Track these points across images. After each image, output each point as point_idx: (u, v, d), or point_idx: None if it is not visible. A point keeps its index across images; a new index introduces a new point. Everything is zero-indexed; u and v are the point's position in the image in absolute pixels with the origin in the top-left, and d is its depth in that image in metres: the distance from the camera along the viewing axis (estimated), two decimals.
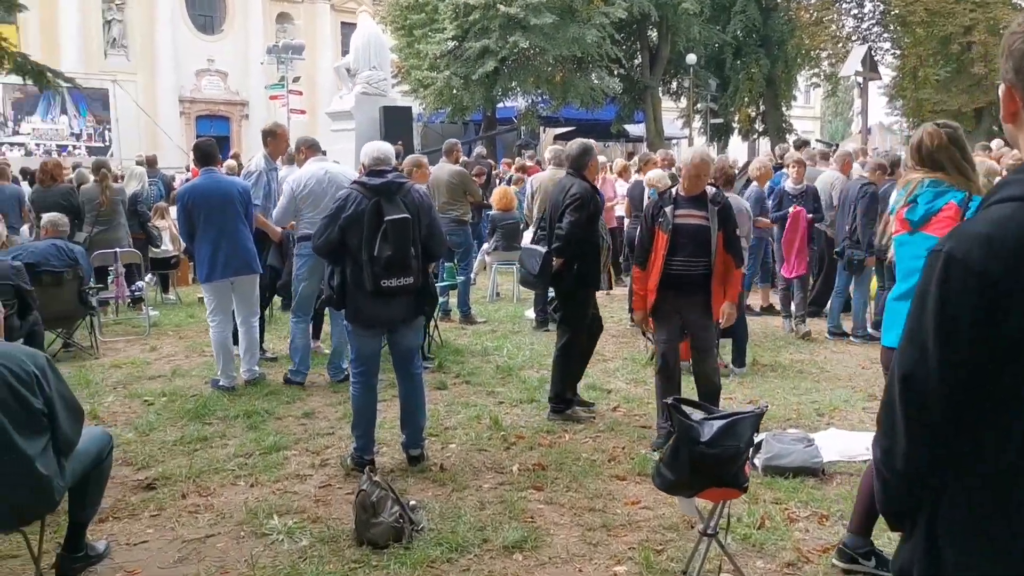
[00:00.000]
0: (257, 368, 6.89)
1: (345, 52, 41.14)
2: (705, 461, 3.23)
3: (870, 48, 26.72)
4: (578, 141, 6.18)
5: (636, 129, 40.67)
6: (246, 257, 6.73)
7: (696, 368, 5.47)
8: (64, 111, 29.95)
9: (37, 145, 28.32)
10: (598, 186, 6.99)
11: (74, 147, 28.62)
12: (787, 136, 41.28)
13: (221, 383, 6.67)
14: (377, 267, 4.74)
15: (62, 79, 5.21)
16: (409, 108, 19.37)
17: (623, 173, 12.04)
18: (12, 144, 28.04)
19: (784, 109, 41.55)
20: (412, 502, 4.27)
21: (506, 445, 5.36)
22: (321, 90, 39.11)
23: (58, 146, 28.37)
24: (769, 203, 8.82)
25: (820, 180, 9.45)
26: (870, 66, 25.09)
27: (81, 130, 29.75)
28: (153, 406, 6.29)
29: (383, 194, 4.81)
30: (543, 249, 6.06)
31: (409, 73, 28.86)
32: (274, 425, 5.79)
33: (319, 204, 6.62)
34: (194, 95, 39.06)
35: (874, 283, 8.71)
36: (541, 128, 34.96)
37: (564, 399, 5.96)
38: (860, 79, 24.90)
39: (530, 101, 32.13)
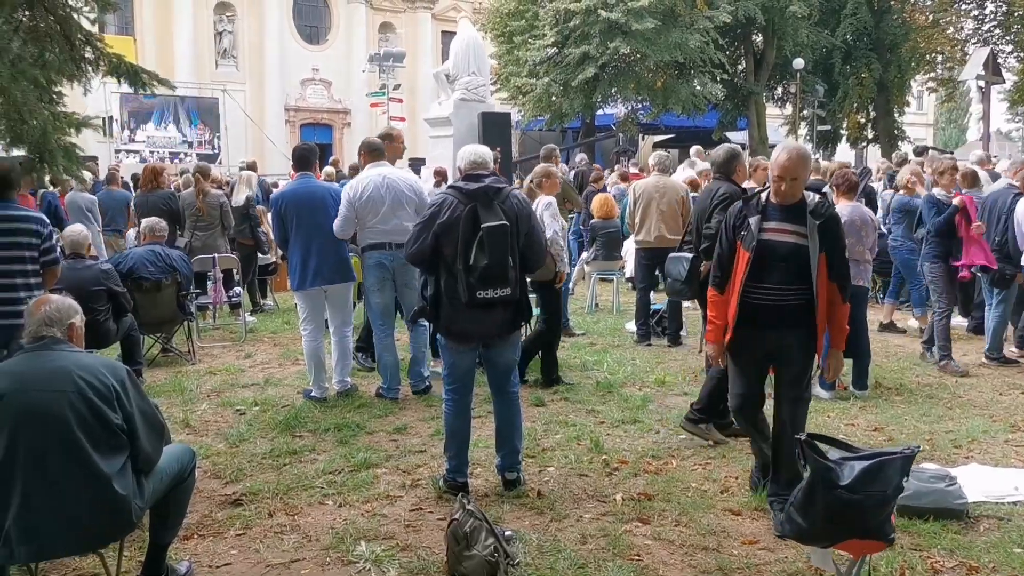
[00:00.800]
0: (349, 379, 6.71)
1: (445, 60, 41.99)
2: (846, 509, 2.81)
3: (993, 51, 25.31)
4: (725, 147, 5.92)
5: (738, 136, 39.65)
6: (339, 265, 6.55)
7: (776, 434, 4.31)
8: (176, 120, 30.89)
9: (151, 152, 29.25)
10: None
11: (185, 154, 29.43)
12: (899, 143, 39.68)
13: (313, 394, 6.51)
14: (472, 277, 4.44)
15: (157, 80, 5.13)
16: (508, 114, 19.16)
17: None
18: (128, 151, 29.04)
19: (896, 115, 39.89)
20: (508, 533, 3.95)
21: (608, 470, 4.99)
22: (421, 98, 39.43)
23: (170, 153, 29.24)
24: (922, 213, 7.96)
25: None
26: (993, 69, 23.79)
27: (192, 138, 30.61)
28: (245, 416, 6.16)
29: (480, 200, 4.52)
30: (690, 255, 5.90)
31: (508, 80, 28.77)
32: (365, 440, 5.57)
33: (379, 211, 6.38)
34: (299, 104, 39.94)
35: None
36: (640, 135, 34.44)
37: (706, 411, 5.54)
38: (981, 83, 23.62)
39: (630, 108, 31.66)
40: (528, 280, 6.72)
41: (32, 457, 3.10)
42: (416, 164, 16.75)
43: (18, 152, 4.59)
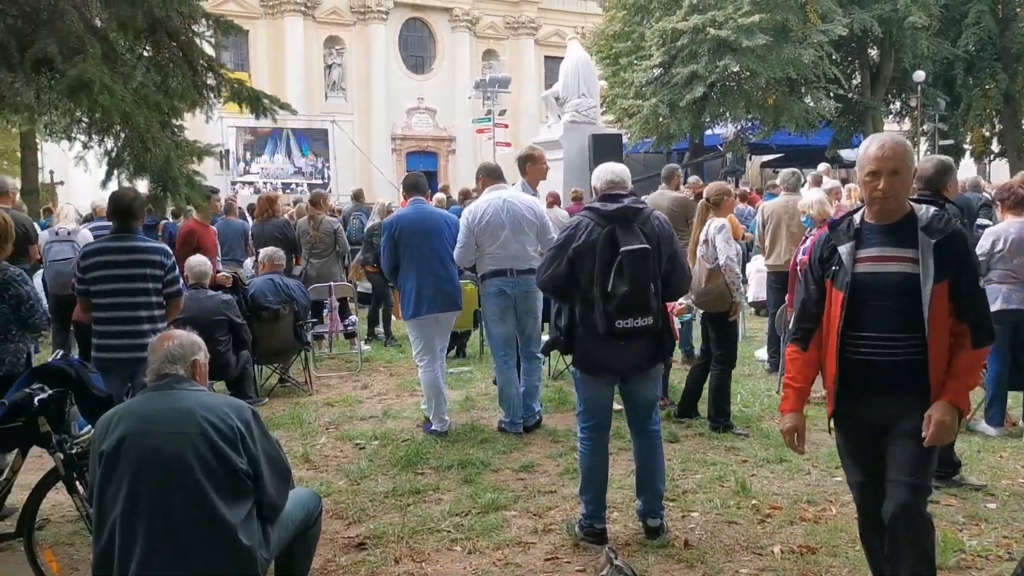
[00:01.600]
0: (446, 418, 6.38)
1: (549, 85, 41.97)
2: None
3: None
4: (934, 158, 5.19)
5: (850, 154, 38.21)
6: (452, 292, 6.35)
7: (892, 532, 3.01)
8: (288, 151, 31.72)
9: (264, 183, 30.06)
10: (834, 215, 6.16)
11: (297, 184, 30.14)
12: None
13: (433, 427, 6.26)
14: (611, 306, 4.09)
15: (278, 105, 5.02)
16: (619, 136, 18.81)
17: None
18: (244, 183, 29.91)
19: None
20: None
21: (759, 517, 4.54)
22: (525, 124, 39.55)
23: (283, 183, 29.99)
24: None
25: None
26: None
27: (303, 168, 31.35)
28: (365, 451, 5.94)
29: (618, 221, 4.17)
30: None
31: (614, 102, 28.42)
32: (490, 479, 5.26)
33: (499, 236, 6.11)
34: (405, 132, 40.59)
35: None
36: (748, 155, 33.54)
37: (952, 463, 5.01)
38: None
39: (739, 127, 30.86)
40: (700, 311, 6.38)
41: (154, 504, 2.89)
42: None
43: (141, 181, 4.51)
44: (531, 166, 6.60)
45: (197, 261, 6.89)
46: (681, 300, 6.27)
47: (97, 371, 4.00)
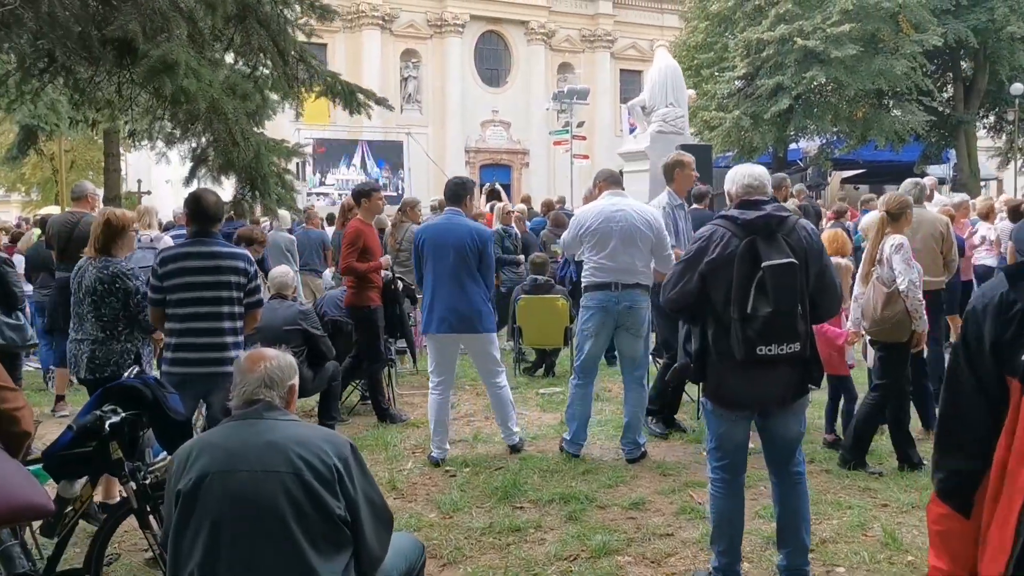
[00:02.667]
0: (516, 430, 6.01)
1: (625, 99, 41.41)
2: None
3: None
4: None
5: (938, 170, 36.76)
6: (467, 314, 5.74)
7: None
8: (364, 162, 31.76)
9: (340, 194, 30.09)
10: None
11: None
12: None
13: (432, 455, 5.81)
14: (751, 329, 3.55)
15: (375, 100, 4.63)
16: (709, 147, 18.14)
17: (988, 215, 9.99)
18: (320, 194, 30.00)
19: None
20: None
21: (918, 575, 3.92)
22: (600, 136, 39.04)
23: None
24: None
25: None
26: None
27: (378, 179, 31.33)
28: (456, 479, 5.46)
29: (760, 232, 3.62)
30: None
31: (695, 113, 27.71)
32: (597, 516, 4.73)
33: (605, 245, 5.63)
34: (479, 145, 40.39)
35: None
36: (830, 170, 32.43)
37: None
38: None
39: (824, 140, 29.82)
40: (868, 340, 5.62)
41: (238, 555, 2.45)
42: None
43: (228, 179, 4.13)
44: (679, 172, 6.05)
45: (280, 271, 6.53)
46: (850, 326, 5.65)
47: (174, 391, 3.59)
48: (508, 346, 9.03)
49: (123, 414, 3.30)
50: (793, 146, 28.89)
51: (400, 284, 7.41)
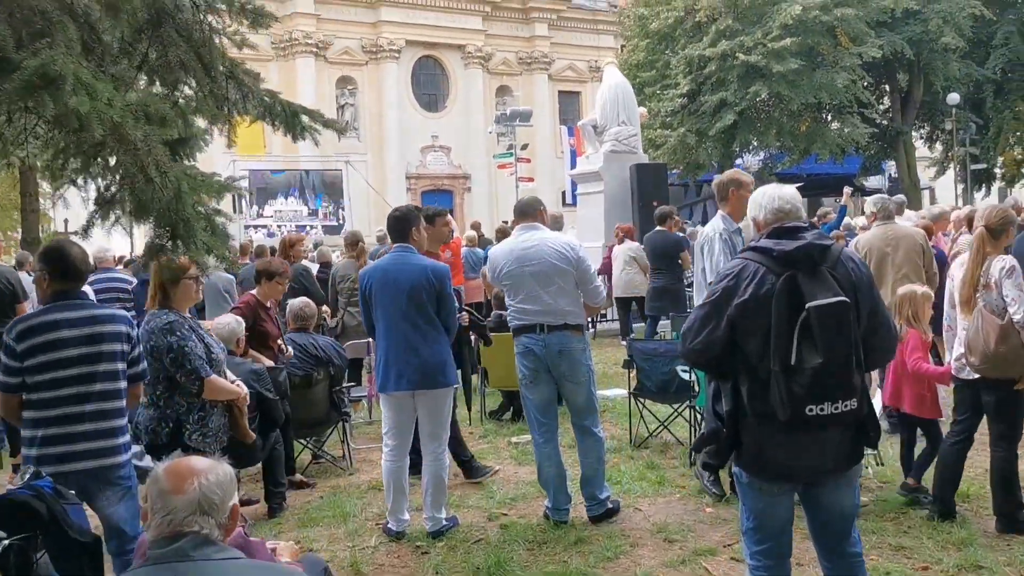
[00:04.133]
0: (442, 516, 5.08)
1: (564, 121, 41.16)
2: None
3: None
4: None
5: (875, 182, 37.20)
6: (425, 367, 4.97)
7: None
8: (302, 193, 30.88)
9: (279, 226, 29.12)
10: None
11: (311, 226, 29.22)
12: None
13: (389, 526, 5.09)
14: (798, 384, 2.91)
15: (321, 122, 3.93)
16: (663, 166, 17.75)
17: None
18: (257, 226, 28.99)
19: None
20: None
21: None
22: (541, 158, 38.59)
23: (297, 226, 29.05)
24: None
25: None
26: None
27: (317, 209, 30.44)
28: (429, 557, 4.72)
29: (801, 265, 3.00)
30: None
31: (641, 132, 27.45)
32: None
33: (521, 289, 5.03)
34: (419, 171, 39.77)
35: None
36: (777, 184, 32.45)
37: None
38: None
39: (767, 155, 29.82)
40: (974, 375, 4.68)
41: None
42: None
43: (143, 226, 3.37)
44: (735, 192, 5.29)
45: (223, 322, 5.74)
46: (951, 361, 4.88)
47: (78, 500, 2.81)
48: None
49: (6, 541, 2.51)
50: (739, 161, 28.75)
51: (467, 316, 6.63)
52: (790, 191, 3.31)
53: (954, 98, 29.23)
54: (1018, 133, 34.40)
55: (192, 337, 4.32)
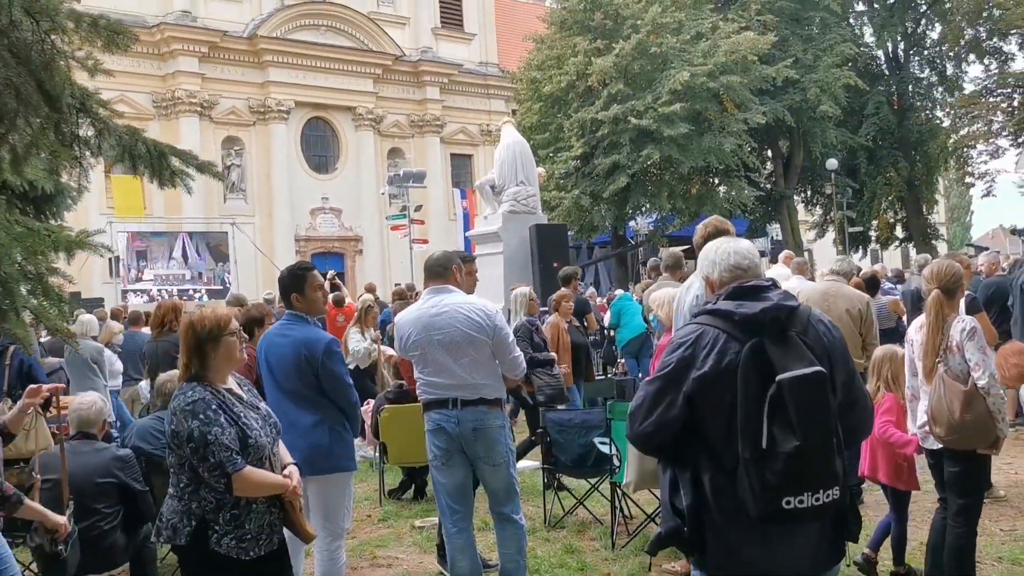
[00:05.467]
0: None
1: (456, 183, 41.01)
2: None
3: None
4: None
5: (759, 243, 38.35)
6: (309, 451, 4.37)
7: None
8: (185, 256, 29.56)
9: (159, 291, 27.68)
10: None
11: (195, 290, 27.90)
12: (933, 242, 38.31)
13: None
14: (771, 472, 2.47)
15: (193, 165, 3.34)
16: (564, 226, 17.52)
17: None
18: (136, 291, 27.53)
19: (927, 213, 38.83)
20: None
21: None
22: (434, 221, 38.22)
23: (179, 290, 27.69)
24: None
25: None
26: None
27: (201, 273, 29.13)
28: None
29: (768, 331, 2.58)
30: None
31: None
32: None
33: (430, 360, 4.54)
34: (309, 233, 38.75)
35: None
36: (667, 246, 32.94)
37: None
38: None
39: (657, 218, 30.27)
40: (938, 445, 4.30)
41: None
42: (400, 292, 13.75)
43: None
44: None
45: (86, 402, 4.97)
46: (914, 431, 4.51)
47: None
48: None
49: None
50: (632, 223, 29.05)
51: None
52: (746, 245, 2.91)
53: (832, 163, 30.46)
54: (890, 198, 36.23)
55: (220, 420, 3.33)
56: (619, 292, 14.32)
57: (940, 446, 4.30)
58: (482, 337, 4.53)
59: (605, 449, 5.91)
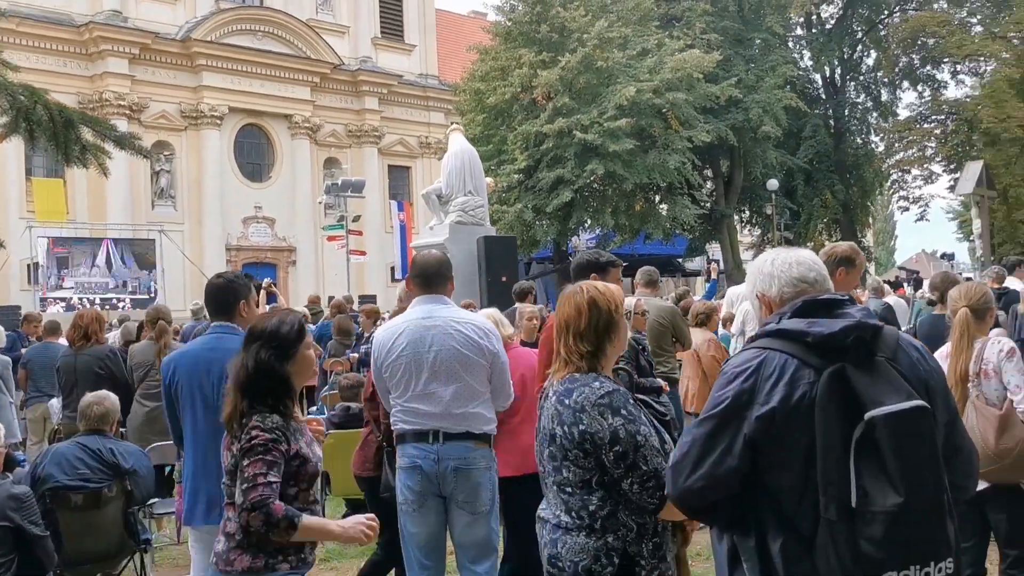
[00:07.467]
0: None
1: (393, 196, 40.24)
2: None
3: (986, 164, 24.39)
4: None
5: (693, 264, 38.44)
6: None
7: None
8: (109, 263, 28.25)
9: (80, 299, 26.32)
10: None
11: (119, 299, 26.62)
12: (866, 265, 38.98)
13: None
14: (865, 537, 1.92)
15: (112, 138, 2.69)
16: (513, 239, 16.96)
17: None
18: (55, 299, 26.15)
19: (860, 236, 39.48)
20: None
21: None
22: (370, 233, 37.38)
23: (102, 299, 26.37)
24: None
25: None
26: (988, 183, 23.01)
27: (126, 281, 27.84)
28: None
29: (851, 355, 2.04)
30: None
31: None
32: None
33: (414, 382, 3.87)
34: (240, 242, 37.55)
35: None
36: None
37: None
38: (978, 197, 22.55)
39: (600, 233, 29.99)
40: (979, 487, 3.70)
41: None
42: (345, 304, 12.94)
43: None
44: (845, 271, 4.12)
45: None
46: None
47: None
48: None
49: None
50: (574, 239, 28.69)
51: None
52: (809, 254, 2.36)
53: (773, 184, 30.62)
54: (825, 220, 36.71)
55: (642, 417, 2.67)
56: None
57: (980, 487, 3.83)
58: (480, 360, 3.92)
59: None
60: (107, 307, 25.29)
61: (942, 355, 4.05)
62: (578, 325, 2.69)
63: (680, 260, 35.86)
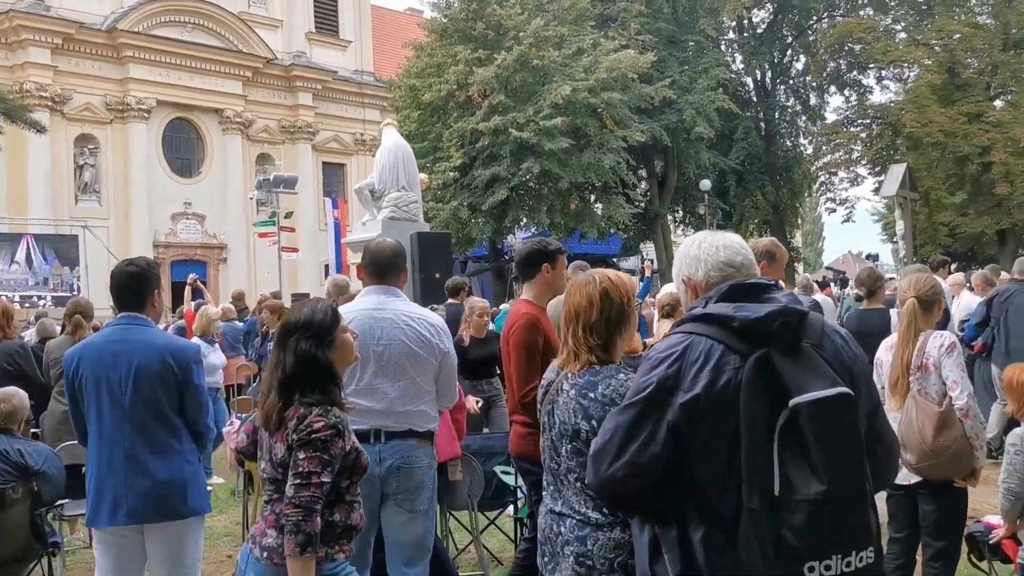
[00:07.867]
0: None
1: (328, 193, 39.70)
2: None
3: (908, 167, 25.07)
4: None
5: (627, 264, 38.80)
6: (157, 491, 3.56)
7: None
8: (29, 259, 27.31)
9: None
10: None
11: (39, 296, 25.75)
12: (795, 264, 39.78)
13: None
14: (788, 526, 1.88)
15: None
16: (448, 235, 16.77)
17: None
18: None
19: (789, 237, 40.23)
20: None
21: None
22: (303, 231, 36.82)
23: (21, 296, 25.46)
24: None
25: None
26: (910, 185, 23.62)
27: (47, 278, 26.95)
28: None
29: (777, 340, 1.99)
30: None
31: None
32: None
33: (354, 377, 3.69)
34: (169, 239, 36.62)
35: None
36: None
37: None
38: (901, 199, 23.16)
39: (535, 232, 30.05)
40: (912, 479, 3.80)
41: None
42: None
43: None
44: (767, 266, 4.09)
45: None
46: None
47: None
48: None
49: None
50: (510, 238, 28.64)
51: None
52: (736, 238, 2.33)
53: (706, 184, 31.01)
54: (756, 220, 37.35)
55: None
56: (503, 307, 13.75)
57: (913, 480, 3.84)
58: (430, 358, 3.77)
59: (509, 480, 5.24)
60: (27, 305, 24.47)
61: (887, 346, 4.07)
62: (589, 316, 2.62)
63: (615, 259, 36.08)
